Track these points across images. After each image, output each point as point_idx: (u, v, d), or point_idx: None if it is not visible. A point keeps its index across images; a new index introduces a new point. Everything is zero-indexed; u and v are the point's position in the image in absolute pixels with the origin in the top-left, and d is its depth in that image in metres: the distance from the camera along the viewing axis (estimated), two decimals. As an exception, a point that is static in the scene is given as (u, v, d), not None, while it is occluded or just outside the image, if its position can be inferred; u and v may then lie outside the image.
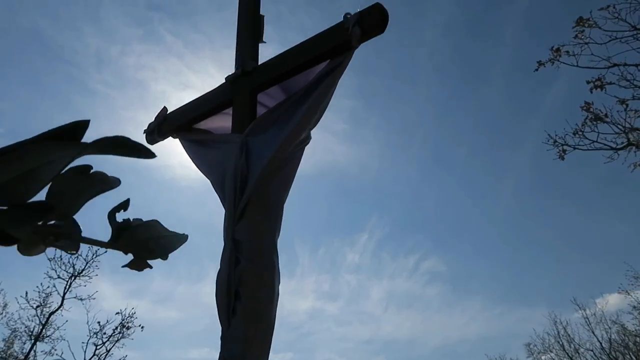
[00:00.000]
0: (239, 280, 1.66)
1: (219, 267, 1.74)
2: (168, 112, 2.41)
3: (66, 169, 0.57)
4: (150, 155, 0.62)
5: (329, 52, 1.80)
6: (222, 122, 2.28)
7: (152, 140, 2.46)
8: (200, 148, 2.15)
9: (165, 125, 2.39)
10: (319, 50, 1.82)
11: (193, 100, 2.30)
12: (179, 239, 0.82)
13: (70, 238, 0.71)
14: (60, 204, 0.63)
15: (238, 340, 1.60)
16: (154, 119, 2.44)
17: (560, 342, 24.72)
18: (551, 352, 25.12)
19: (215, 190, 1.93)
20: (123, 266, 0.81)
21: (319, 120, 1.90)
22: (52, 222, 0.69)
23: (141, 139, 2.52)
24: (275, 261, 1.74)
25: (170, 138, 2.42)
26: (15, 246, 0.65)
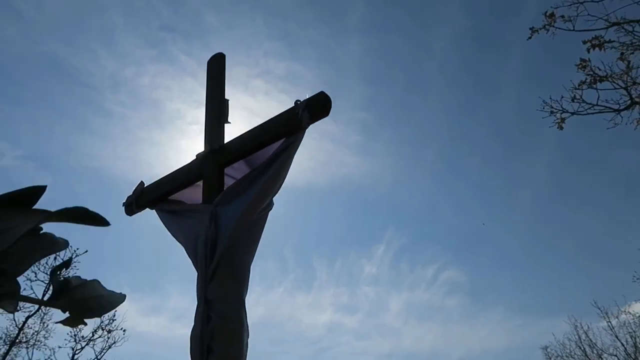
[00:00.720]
0: (211, 336, 1.87)
1: (193, 324, 1.95)
2: (145, 186, 2.67)
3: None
4: (106, 223, 0.66)
5: (283, 132, 2.11)
6: (193, 194, 2.54)
7: (130, 212, 2.69)
8: (174, 217, 2.39)
9: (142, 198, 2.63)
10: (275, 132, 2.13)
11: (167, 175, 2.57)
12: (117, 298, 0.83)
13: (11, 298, 0.70)
14: (7, 266, 0.63)
15: None
16: (132, 192, 2.69)
17: (582, 348, 23.52)
18: (572, 358, 23.85)
19: (188, 255, 2.17)
20: (57, 322, 0.81)
21: (279, 189, 2.18)
22: None
23: (155, 157, 2.75)
24: (244, 317, 1.96)
25: (147, 209, 2.66)
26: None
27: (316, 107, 2.01)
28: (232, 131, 2.43)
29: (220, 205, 2.15)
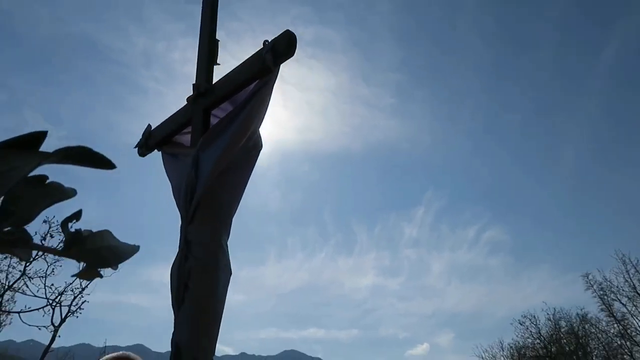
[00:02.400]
0: (188, 275, 2.00)
1: (173, 262, 2.09)
2: (152, 128, 2.79)
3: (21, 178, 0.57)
4: (111, 166, 0.62)
5: (254, 74, 2.08)
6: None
7: (142, 153, 2.84)
8: (170, 159, 2.50)
9: (150, 140, 2.76)
10: (247, 74, 2.10)
11: (167, 119, 2.66)
12: (130, 249, 0.80)
13: (24, 245, 0.69)
14: (16, 210, 0.62)
15: (187, 326, 1.94)
16: (141, 135, 2.83)
17: (631, 283, 22.45)
18: (621, 294, 22.66)
19: (173, 196, 2.28)
20: (73, 275, 0.81)
21: (256, 130, 2.19)
22: (6, 229, 0.67)
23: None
24: (220, 259, 2.05)
25: (155, 151, 2.80)
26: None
27: (280, 48, 1.94)
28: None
29: (202, 148, 2.20)
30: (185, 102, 2.48)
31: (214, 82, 2.39)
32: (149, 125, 2.80)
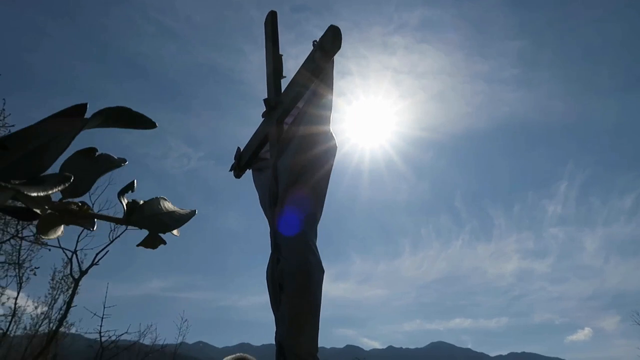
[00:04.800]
0: (281, 275, 2.10)
1: (267, 265, 2.21)
2: (241, 150, 3.00)
3: (72, 153, 0.63)
4: (152, 125, 0.62)
5: (313, 74, 2.16)
6: None
7: (237, 175, 3.06)
8: (258, 174, 2.67)
9: (241, 160, 2.97)
10: (306, 77, 2.20)
11: (251, 137, 2.84)
12: (188, 213, 0.79)
13: (86, 215, 0.70)
14: (74, 182, 0.64)
15: (284, 323, 2.03)
16: (233, 158, 3.05)
17: None
18: None
19: (261, 205, 2.42)
20: (138, 245, 0.80)
21: (325, 130, 2.24)
22: (67, 200, 0.69)
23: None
24: (310, 258, 2.11)
25: (248, 171, 2.99)
26: (36, 228, 0.69)
27: (327, 44, 2.01)
28: (380, 99, 2.46)
29: (279, 156, 2.32)
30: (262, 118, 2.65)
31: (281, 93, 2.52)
32: (238, 148, 3.01)
